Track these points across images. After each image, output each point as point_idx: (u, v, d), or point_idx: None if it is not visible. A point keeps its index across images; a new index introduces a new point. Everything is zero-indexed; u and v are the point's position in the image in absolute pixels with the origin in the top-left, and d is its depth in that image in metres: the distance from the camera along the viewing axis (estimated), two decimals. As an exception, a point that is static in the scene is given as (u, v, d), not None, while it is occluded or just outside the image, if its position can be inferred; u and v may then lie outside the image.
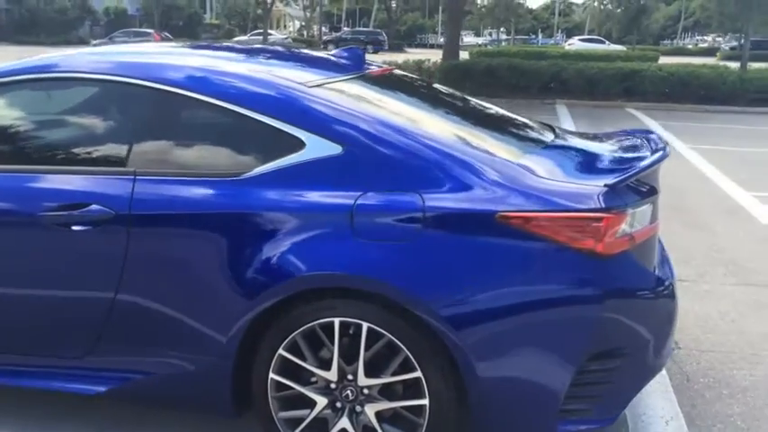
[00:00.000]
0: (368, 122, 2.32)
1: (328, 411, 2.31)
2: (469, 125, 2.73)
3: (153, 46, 2.97)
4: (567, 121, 12.18)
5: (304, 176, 2.27)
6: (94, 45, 23.67)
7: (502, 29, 60.28)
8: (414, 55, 27.81)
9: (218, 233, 2.28)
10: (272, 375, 2.31)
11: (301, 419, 2.33)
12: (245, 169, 2.31)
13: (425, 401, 2.21)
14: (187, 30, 44.24)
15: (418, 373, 2.20)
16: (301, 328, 2.25)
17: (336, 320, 2.22)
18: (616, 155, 2.63)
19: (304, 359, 2.28)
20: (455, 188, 2.19)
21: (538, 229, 2.12)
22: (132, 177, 2.36)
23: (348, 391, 2.27)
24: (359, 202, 2.19)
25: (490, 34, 60.97)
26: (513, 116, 3.06)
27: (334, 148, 2.27)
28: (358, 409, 2.28)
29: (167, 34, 35.59)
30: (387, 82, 2.99)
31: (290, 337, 2.26)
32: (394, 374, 2.23)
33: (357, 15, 64.61)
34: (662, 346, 2.36)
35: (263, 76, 2.49)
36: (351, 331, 2.23)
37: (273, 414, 2.35)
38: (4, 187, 2.49)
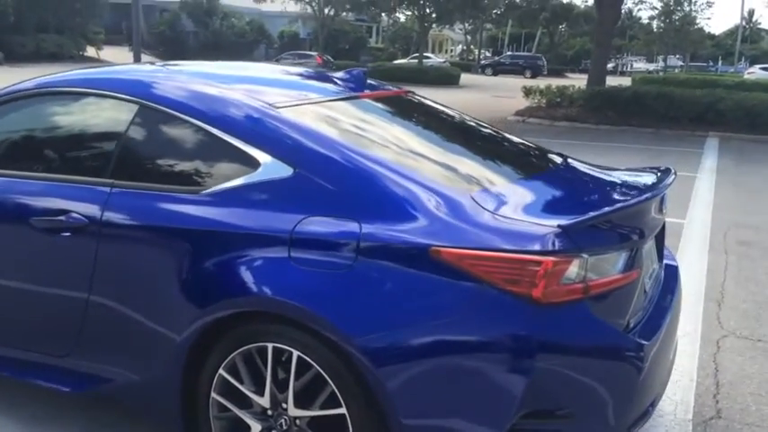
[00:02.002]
0: (320, 146, 2.26)
1: (263, 438, 2.26)
2: (447, 152, 2.57)
3: (156, 66, 3.07)
4: (711, 156, 11.20)
5: (255, 197, 2.25)
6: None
7: (678, 55, 56.79)
8: (570, 80, 26.90)
9: (170, 245, 2.32)
10: (213, 395, 2.30)
11: (237, 443, 2.29)
12: (204, 186, 2.35)
13: (349, 440, 2.10)
14: (352, 53, 46.15)
15: (343, 410, 2.09)
16: (239, 350, 2.22)
17: (270, 345, 2.17)
18: (603, 193, 2.36)
19: (241, 382, 2.25)
20: (394, 219, 2.07)
21: (471, 267, 1.95)
22: (108, 189, 2.47)
23: (282, 420, 2.21)
24: (298, 226, 2.13)
25: (664, 60, 57.78)
26: (517, 142, 2.84)
27: (285, 170, 2.24)
28: (290, 439, 2.21)
29: (329, 57, 37.37)
30: (382, 104, 2.88)
31: (230, 357, 2.24)
32: (322, 408, 2.13)
33: (522, 40, 63.82)
34: (623, 412, 2.06)
35: (232, 95, 2.48)
36: (284, 358, 2.18)
37: (213, 434, 2.34)
38: (12, 191, 2.70)
